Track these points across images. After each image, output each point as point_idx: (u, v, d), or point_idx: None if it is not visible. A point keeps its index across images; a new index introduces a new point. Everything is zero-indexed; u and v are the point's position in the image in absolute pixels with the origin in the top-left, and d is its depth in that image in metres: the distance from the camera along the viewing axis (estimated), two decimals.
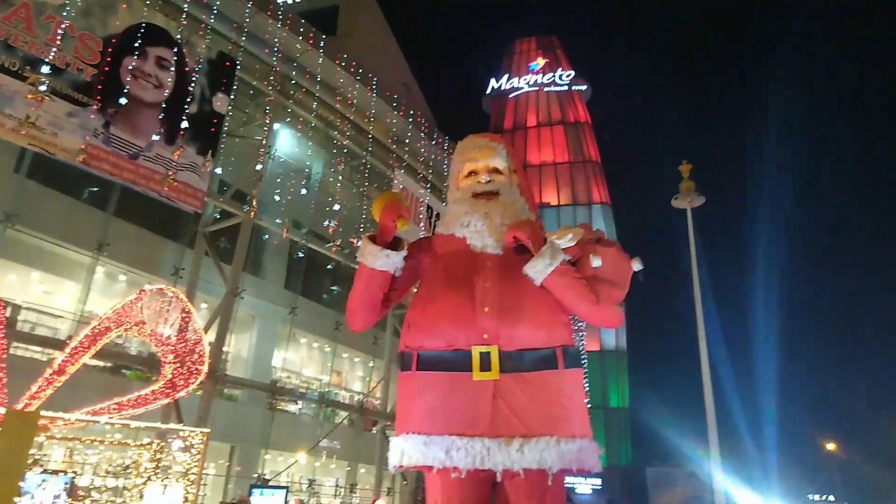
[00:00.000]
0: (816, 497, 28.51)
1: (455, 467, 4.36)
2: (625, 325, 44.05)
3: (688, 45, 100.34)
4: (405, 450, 4.61)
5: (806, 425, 36.38)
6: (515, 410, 4.17)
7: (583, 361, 4.72)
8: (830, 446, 34.60)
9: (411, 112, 21.12)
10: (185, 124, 13.22)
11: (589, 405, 4.55)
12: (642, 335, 47.03)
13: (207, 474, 13.78)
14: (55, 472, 8.03)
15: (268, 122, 15.79)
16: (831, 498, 27.63)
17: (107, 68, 12.18)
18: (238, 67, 14.95)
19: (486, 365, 4.20)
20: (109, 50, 12.28)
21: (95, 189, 14.63)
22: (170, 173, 12.72)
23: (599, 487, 36.56)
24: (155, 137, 12.65)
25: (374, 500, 14.22)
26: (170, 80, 13.23)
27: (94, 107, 11.87)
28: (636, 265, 4.30)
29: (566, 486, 5.35)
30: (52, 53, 11.35)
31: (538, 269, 4.40)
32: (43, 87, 11.00)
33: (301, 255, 18.58)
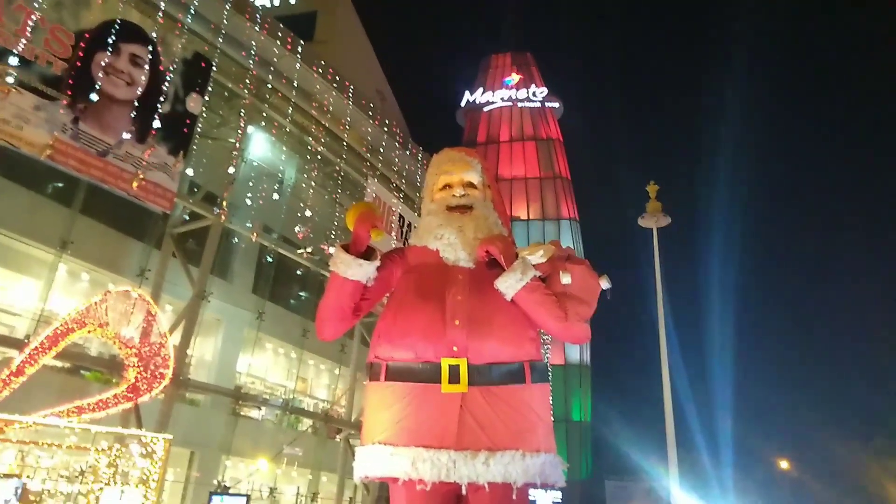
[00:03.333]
0: None
1: (420, 479, 4.39)
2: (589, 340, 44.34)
3: (655, 69, 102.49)
4: (370, 460, 4.64)
5: (761, 443, 37.20)
6: (482, 424, 4.23)
7: (549, 376, 4.80)
8: (784, 464, 35.41)
9: (386, 121, 21.17)
10: (157, 123, 13.05)
11: (552, 418, 4.63)
12: (605, 350, 47.68)
13: (166, 480, 13.50)
14: (6, 476, 7.79)
15: (242, 124, 15.67)
16: None
17: (78, 63, 11.97)
18: (214, 69, 14.82)
19: (454, 377, 4.25)
20: (82, 44, 12.06)
21: (61, 185, 14.31)
22: (139, 172, 12.51)
23: (560, 500, 36.74)
24: (126, 135, 12.45)
25: None
26: (143, 77, 13.05)
27: (64, 101, 11.64)
28: (604, 283, 4.40)
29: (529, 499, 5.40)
30: (21, 45, 11.11)
31: (509, 284, 4.48)
32: (10, 79, 10.76)
33: (270, 259, 18.42)
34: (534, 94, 53.77)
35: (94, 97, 12.04)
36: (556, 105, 54.22)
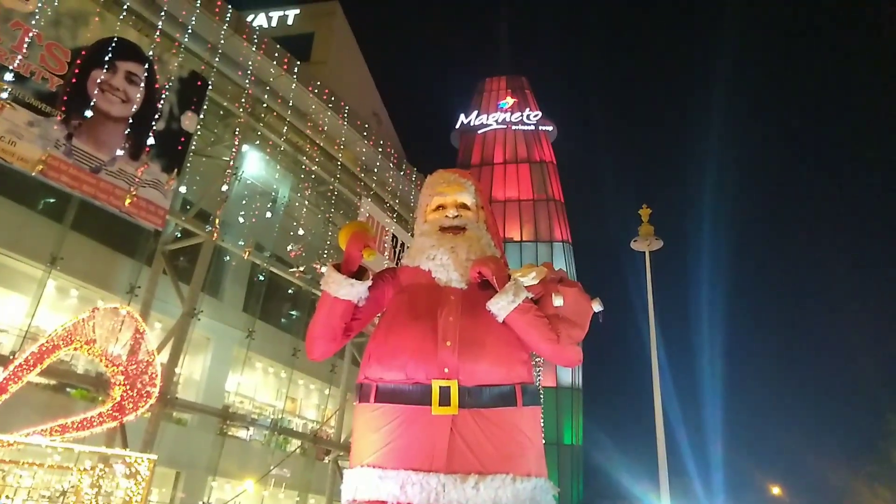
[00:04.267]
0: None
1: (409, 503, 4.32)
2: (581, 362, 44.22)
3: (648, 93, 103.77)
4: (359, 483, 4.56)
5: (752, 469, 37.03)
6: (472, 447, 4.17)
7: (540, 399, 4.75)
8: (776, 490, 35.21)
9: (381, 142, 21.25)
10: (151, 141, 13.04)
11: (543, 441, 4.59)
12: (597, 373, 47.55)
13: (150, 501, 13.25)
14: None
15: (236, 143, 15.68)
16: None
17: (74, 80, 11.97)
18: (210, 87, 14.86)
19: (445, 399, 4.20)
20: (78, 61, 12.08)
21: (52, 200, 14.24)
22: (132, 189, 12.47)
23: None
24: (119, 152, 12.43)
25: None
26: (138, 95, 13.06)
27: (58, 117, 11.62)
28: (596, 306, 4.39)
29: None
30: (17, 61, 11.12)
31: (501, 306, 4.46)
32: (4, 95, 10.74)
33: (262, 278, 18.33)
34: (528, 117, 54.25)
35: (88, 114, 12.04)
36: (550, 128, 54.70)
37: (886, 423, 28.51)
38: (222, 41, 15.04)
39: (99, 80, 12.32)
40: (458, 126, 56.09)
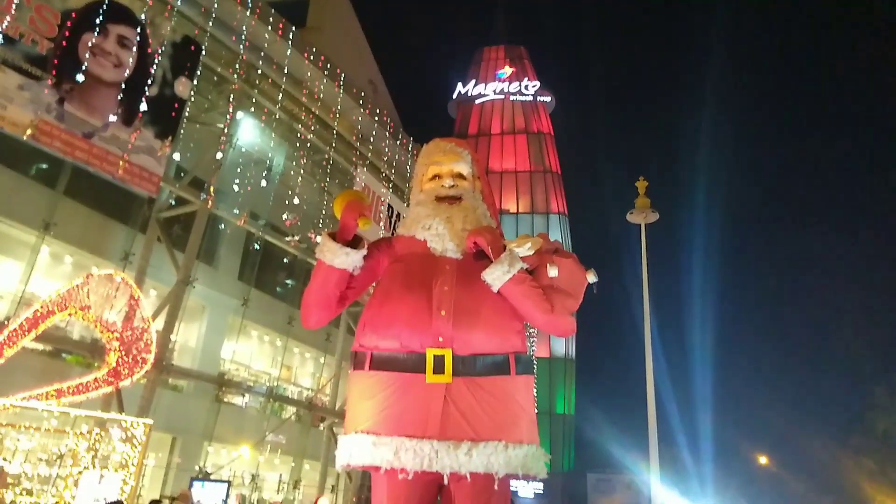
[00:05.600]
0: None
1: (402, 469, 4.39)
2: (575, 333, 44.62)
3: (647, 65, 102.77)
4: (353, 449, 4.62)
5: (740, 440, 37.66)
6: (465, 414, 4.23)
7: (534, 368, 4.81)
8: (762, 460, 35.90)
9: (377, 110, 21.05)
10: (144, 106, 12.88)
11: (535, 410, 4.64)
12: (591, 345, 47.88)
13: (147, 465, 13.42)
14: None
15: (231, 110, 15.50)
16: None
17: (64, 43, 11.77)
18: (203, 53, 14.64)
19: (439, 368, 4.24)
20: (68, 24, 11.87)
21: (45, 166, 14.11)
22: (125, 155, 12.36)
23: (541, 492, 37.03)
24: (112, 118, 12.29)
25: (318, 498, 14.09)
26: (131, 59, 12.87)
27: (49, 81, 11.45)
28: (591, 277, 4.40)
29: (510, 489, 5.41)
30: (6, 23, 10.91)
31: (496, 276, 4.47)
32: None
33: (257, 246, 18.29)
34: (526, 87, 53.72)
35: (80, 78, 11.87)
36: (548, 99, 54.22)
37: (873, 395, 28.97)
38: (216, 5, 14.77)
39: (90, 44, 12.13)
40: (455, 96, 55.56)
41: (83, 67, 11.95)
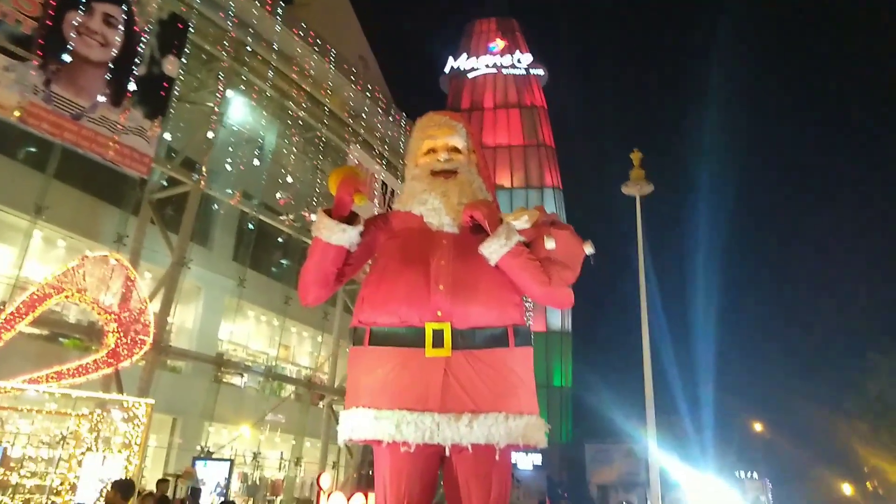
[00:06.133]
0: (743, 474, 30.07)
1: (404, 441, 4.43)
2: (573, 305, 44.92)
3: (642, 37, 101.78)
4: (355, 424, 4.66)
5: (739, 407, 38.15)
6: (465, 387, 4.26)
7: (532, 340, 4.83)
8: (757, 427, 36.43)
9: (369, 86, 20.84)
10: (132, 86, 12.71)
11: (534, 381, 4.67)
12: (588, 318, 48.25)
13: (148, 446, 13.51)
14: None
15: (220, 88, 15.32)
16: (755, 475, 29.22)
17: (48, 22, 11.56)
18: (191, 30, 14.41)
19: (438, 342, 4.26)
20: (52, 3, 11.64)
21: (34, 149, 13.96)
22: (115, 136, 12.22)
23: (540, 464, 37.53)
24: (100, 98, 12.12)
25: (319, 475, 14.22)
26: (117, 38, 12.65)
27: (34, 62, 11.27)
28: (588, 249, 4.39)
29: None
30: None
31: (493, 249, 4.47)
32: None
33: (251, 226, 18.21)
34: (518, 60, 53.25)
35: (66, 58, 11.68)
36: (541, 72, 53.79)
37: (867, 359, 29.30)
38: None
39: (75, 23, 11.91)
40: (447, 70, 55.04)
41: (69, 47, 11.76)
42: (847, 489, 32.42)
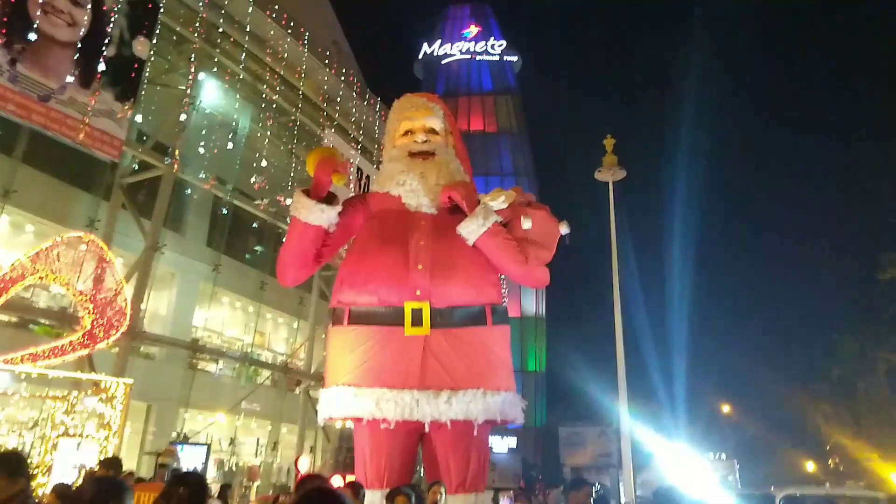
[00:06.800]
0: (712, 456, 30.82)
1: (384, 418, 4.52)
2: (544, 292, 45.52)
3: (617, 23, 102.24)
4: (335, 401, 4.73)
5: (708, 390, 38.95)
6: (444, 364, 4.35)
7: (509, 318, 4.93)
8: (726, 408, 37.30)
9: (343, 70, 20.66)
10: (102, 67, 12.44)
11: (512, 358, 4.76)
12: (561, 302, 48.63)
13: (124, 432, 13.39)
14: None
15: (192, 71, 15.07)
16: (723, 456, 29.98)
17: (12, 0, 11.25)
18: (161, 11, 14.13)
19: (417, 320, 4.35)
20: None
21: (0, 132, 13.61)
22: (84, 118, 11.97)
23: (515, 447, 37.99)
24: (69, 79, 11.85)
25: (297, 458, 14.26)
26: (85, 18, 12.36)
27: None
28: (563, 228, 4.48)
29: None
30: None
31: (471, 230, 4.55)
32: None
33: (225, 212, 18.00)
34: (492, 46, 53.10)
35: (32, 37, 11.37)
36: (515, 58, 53.73)
37: (832, 343, 30.14)
38: None
39: (41, 1, 11.60)
40: (420, 56, 54.68)
41: (34, 26, 11.46)
42: (810, 466, 33.44)
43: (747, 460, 32.92)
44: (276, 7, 17.37)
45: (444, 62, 53.38)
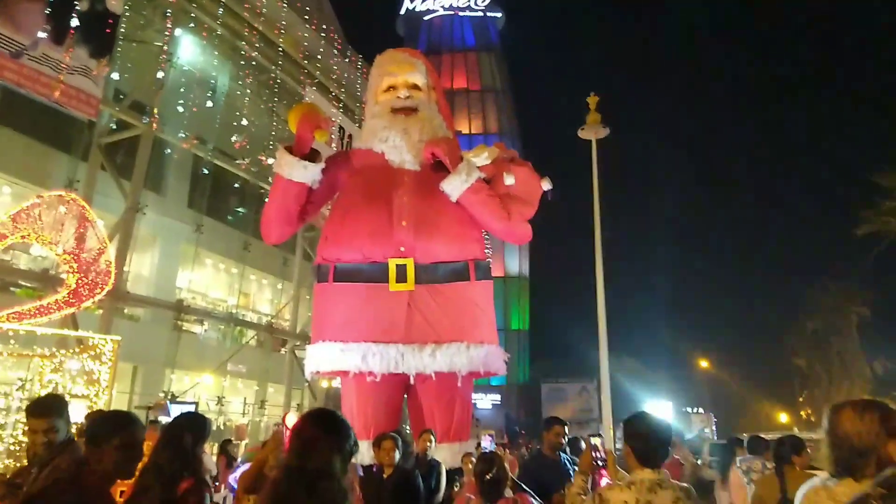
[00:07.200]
0: (690, 409, 31.76)
1: (370, 371, 4.64)
2: (527, 251, 45.83)
3: None
4: (322, 357, 4.83)
5: (688, 345, 39.88)
6: (428, 319, 4.45)
7: (492, 273, 5.01)
8: (704, 363, 38.27)
9: (323, 27, 20.22)
10: (74, 22, 12.08)
11: (494, 312, 4.85)
12: (544, 262, 49.04)
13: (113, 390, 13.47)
14: None
15: (169, 27, 14.67)
16: (700, 410, 30.93)
17: None
18: None
19: (402, 277, 4.43)
20: None
21: None
22: (59, 76, 11.68)
23: (498, 402, 38.78)
24: (41, 35, 11.51)
25: (285, 415, 14.48)
26: None
27: None
28: (545, 185, 4.55)
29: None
30: None
31: (454, 186, 4.60)
32: None
33: (206, 171, 17.78)
34: (475, 2, 52.15)
35: None
36: (499, 15, 52.86)
37: (805, 298, 30.93)
38: None
39: None
40: (402, 12, 53.58)
41: None
42: (784, 418, 34.61)
43: (724, 413, 33.96)
44: None
45: (426, 18, 52.39)
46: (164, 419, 8.17)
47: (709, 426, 28.41)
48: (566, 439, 4.32)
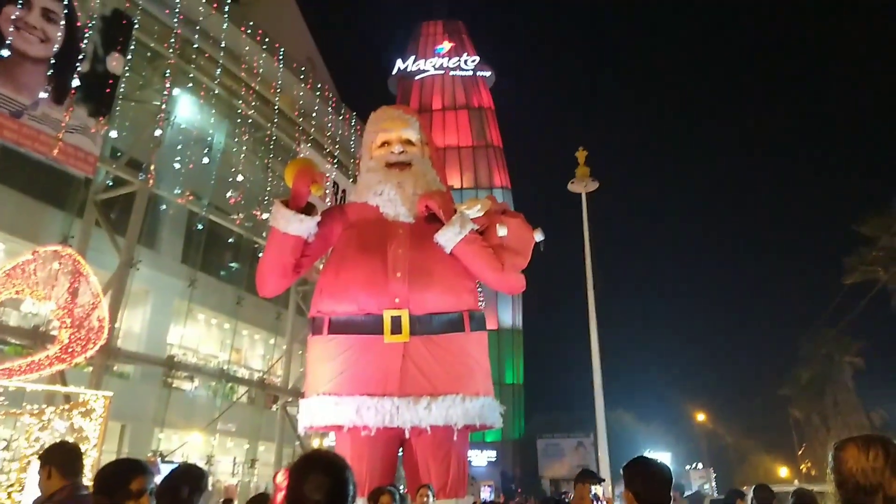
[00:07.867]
0: (689, 465, 31.20)
1: (365, 426, 4.58)
2: (521, 305, 45.73)
3: (588, 36, 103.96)
4: (316, 410, 4.79)
5: (683, 399, 39.49)
6: (423, 371, 4.44)
7: (486, 325, 5.03)
8: (700, 417, 37.83)
9: (318, 86, 20.74)
10: (76, 83, 12.36)
11: (489, 364, 4.84)
12: (538, 315, 49.00)
13: (96, 455, 13.13)
14: None
15: (167, 86, 15.02)
16: (699, 466, 30.36)
17: None
18: (135, 27, 14.10)
19: (396, 328, 4.44)
20: None
21: None
22: (58, 135, 11.86)
23: (494, 459, 37.97)
24: (42, 95, 11.76)
25: (276, 473, 14.12)
26: (59, 34, 12.29)
27: None
28: (538, 235, 4.63)
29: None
30: None
31: (448, 237, 4.67)
32: None
33: (200, 227, 17.88)
34: (465, 62, 53.65)
35: (4, 53, 11.29)
36: (488, 73, 54.33)
37: (798, 348, 30.83)
38: None
39: (13, 17, 11.53)
40: (394, 72, 55.01)
41: (7, 42, 11.37)
42: (784, 472, 34.00)
43: (723, 468, 33.38)
44: (251, 23, 17.45)
45: (417, 77, 53.76)
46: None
47: (709, 482, 27.86)
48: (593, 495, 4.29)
